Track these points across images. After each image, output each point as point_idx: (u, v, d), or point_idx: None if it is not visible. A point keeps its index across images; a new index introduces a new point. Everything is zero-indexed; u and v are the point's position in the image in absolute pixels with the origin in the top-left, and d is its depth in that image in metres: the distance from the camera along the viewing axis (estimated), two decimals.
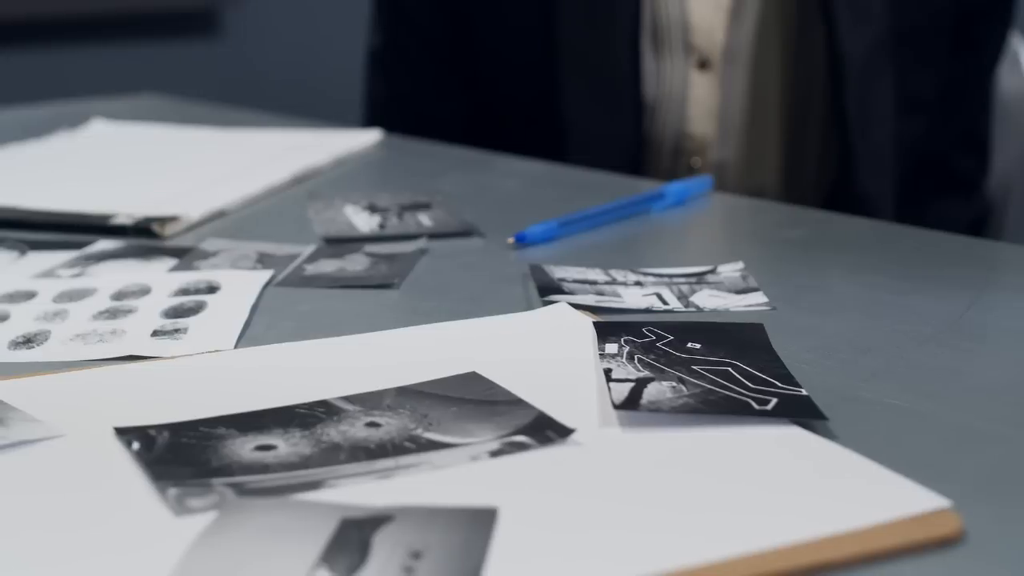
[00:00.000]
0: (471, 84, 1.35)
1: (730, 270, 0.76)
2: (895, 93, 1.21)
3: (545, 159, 1.13)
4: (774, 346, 0.62)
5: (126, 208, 0.92)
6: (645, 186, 0.99)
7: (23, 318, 0.71)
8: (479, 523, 0.45)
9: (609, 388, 0.56)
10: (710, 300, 0.71)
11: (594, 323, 0.65)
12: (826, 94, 1.22)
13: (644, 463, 0.50)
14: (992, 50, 1.30)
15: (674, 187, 0.94)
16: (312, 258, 0.81)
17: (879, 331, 0.66)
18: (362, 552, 0.43)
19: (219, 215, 0.94)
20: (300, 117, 1.37)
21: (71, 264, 0.81)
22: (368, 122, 1.37)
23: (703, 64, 1.23)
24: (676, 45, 1.22)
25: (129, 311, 0.71)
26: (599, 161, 1.14)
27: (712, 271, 0.76)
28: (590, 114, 1.24)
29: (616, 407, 0.54)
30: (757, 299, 0.71)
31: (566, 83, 1.24)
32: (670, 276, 0.76)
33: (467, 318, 0.68)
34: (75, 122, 1.30)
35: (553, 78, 1.25)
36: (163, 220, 0.89)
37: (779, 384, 0.57)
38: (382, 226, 0.89)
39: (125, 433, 0.53)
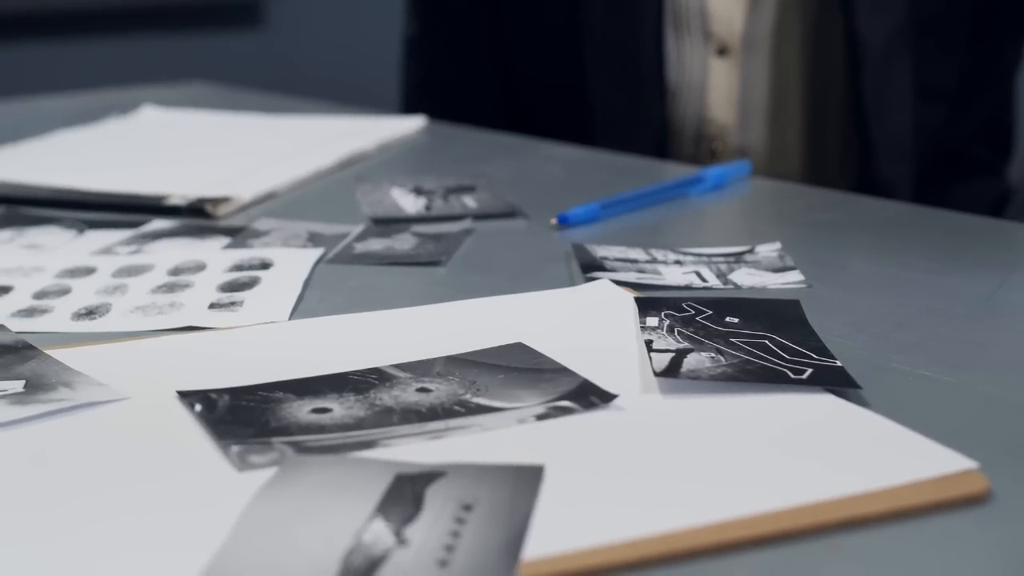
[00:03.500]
0: (505, 69, 1.38)
1: (767, 250, 0.78)
2: (913, 81, 1.22)
3: (573, 143, 1.15)
4: (810, 322, 0.64)
5: (179, 190, 0.95)
6: (682, 171, 1.01)
7: (84, 292, 0.73)
8: (527, 479, 0.47)
9: (650, 357, 0.58)
10: (748, 278, 0.73)
11: (635, 298, 0.68)
12: (846, 82, 1.23)
13: (684, 426, 0.52)
14: (1014, 42, 1.31)
15: (713, 171, 0.96)
16: (361, 237, 0.83)
17: (912, 308, 0.68)
18: (416, 504, 0.45)
19: (269, 197, 0.97)
20: (342, 104, 1.39)
21: (128, 242, 0.84)
22: (405, 107, 1.40)
23: (722, 51, 1.25)
24: (695, 31, 1.24)
25: (186, 285, 0.73)
26: (625, 145, 1.17)
27: (750, 251, 0.78)
28: (615, 99, 1.27)
29: (657, 374, 0.56)
30: (793, 277, 0.73)
31: (592, 69, 1.27)
32: (709, 255, 0.78)
33: (512, 294, 0.70)
34: (125, 109, 1.33)
35: (580, 64, 1.28)
36: (215, 201, 0.92)
37: (814, 356, 0.59)
38: (428, 207, 0.91)
39: (188, 396, 0.56)
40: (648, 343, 0.60)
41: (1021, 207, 1.33)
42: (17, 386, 0.58)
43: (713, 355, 0.59)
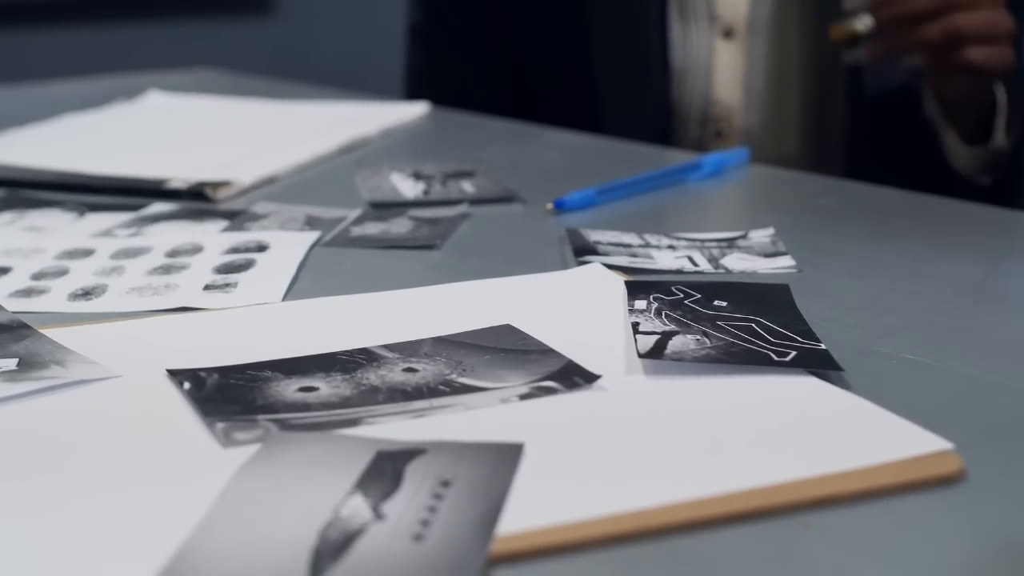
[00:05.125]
0: (509, 55, 1.38)
1: (761, 235, 0.79)
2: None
3: (580, 128, 1.16)
4: (798, 306, 0.65)
5: (180, 173, 0.95)
6: (682, 157, 1.02)
7: (82, 273, 0.74)
8: (506, 457, 0.48)
9: (636, 339, 0.59)
10: (739, 263, 0.74)
11: (625, 282, 0.68)
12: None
13: (666, 407, 0.53)
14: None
15: (711, 158, 0.97)
16: (358, 221, 0.84)
17: (901, 293, 0.68)
18: (395, 480, 0.46)
19: (270, 181, 0.97)
20: (351, 91, 1.40)
21: (128, 225, 0.85)
22: (409, 95, 1.41)
23: (727, 33, 1.26)
24: (701, 15, 1.25)
25: (182, 267, 0.74)
26: (631, 128, 1.18)
27: (743, 236, 0.79)
28: (621, 83, 1.28)
29: (641, 356, 0.57)
30: (784, 263, 0.74)
31: (597, 53, 1.28)
32: (702, 240, 0.78)
33: (504, 277, 0.71)
34: (132, 94, 1.34)
35: (586, 49, 1.28)
36: (215, 185, 0.92)
37: (800, 339, 0.59)
38: (426, 192, 0.92)
39: (177, 375, 0.57)
40: (635, 325, 0.61)
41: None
42: (10, 364, 0.58)
43: (699, 337, 0.59)
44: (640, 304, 0.64)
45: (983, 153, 1.16)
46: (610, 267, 0.72)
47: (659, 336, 0.59)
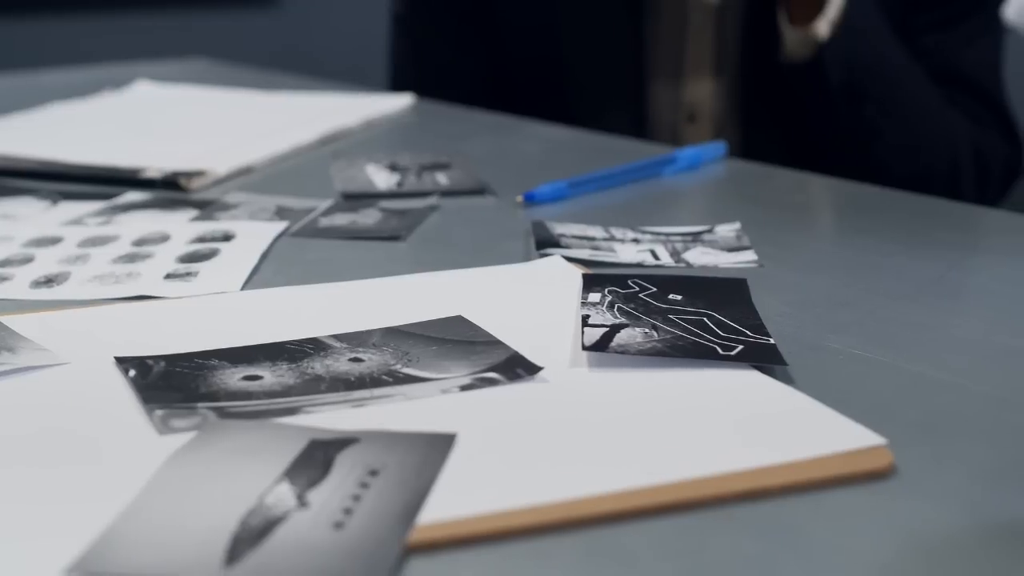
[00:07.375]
0: (492, 43, 1.39)
1: (726, 230, 0.79)
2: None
3: (557, 113, 1.17)
4: (755, 300, 0.65)
5: (157, 163, 0.95)
6: (661, 151, 1.02)
7: (47, 261, 0.74)
8: (437, 447, 0.48)
9: (583, 332, 0.59)
10: (701, 257, 0.74)
11: (582, 274, 0.68)
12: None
13: (605, 399, 0.53)
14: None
15: (686, 152, 0.97)
16: (328, 212, 0.84)
17: (858, 288, 0.68)
18: (324, 469, 0.46)
19: (246, 171, 0.98)
20: (355, 84, 1.40)
21: (99, 213, 0.85)
22: (393, 84, 1.41)
23: (700, 17, 1.26)
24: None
25: (147, 256, 0.74)
26: (604, 113, 1.19)
27: (709, 230, 0.79)
28: (593, 69, 1.29)
29: (585, 348, 0.57)
30: (746, 257, 0.74)
31: (570, 38, 1.29)
32: (667, 234, 0.78)
33: (464, 268, 0.71)
34: (122, 84, 1.34)
35: (559, 33, 1.30)
36: (189, 174, 0.93)
37: (749, 333, 0.59)
38: (400, 184, 0.92)
39: (124, 362, 0.57)
40: (585, 318, 0.61)
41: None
42: None
43: (647, 331, 0.59)
44: (594, 297, 0.64)
45: (801, 37, 1.20)
46: (571, 260, 0.72)
47: (607, 329, 0.59)
